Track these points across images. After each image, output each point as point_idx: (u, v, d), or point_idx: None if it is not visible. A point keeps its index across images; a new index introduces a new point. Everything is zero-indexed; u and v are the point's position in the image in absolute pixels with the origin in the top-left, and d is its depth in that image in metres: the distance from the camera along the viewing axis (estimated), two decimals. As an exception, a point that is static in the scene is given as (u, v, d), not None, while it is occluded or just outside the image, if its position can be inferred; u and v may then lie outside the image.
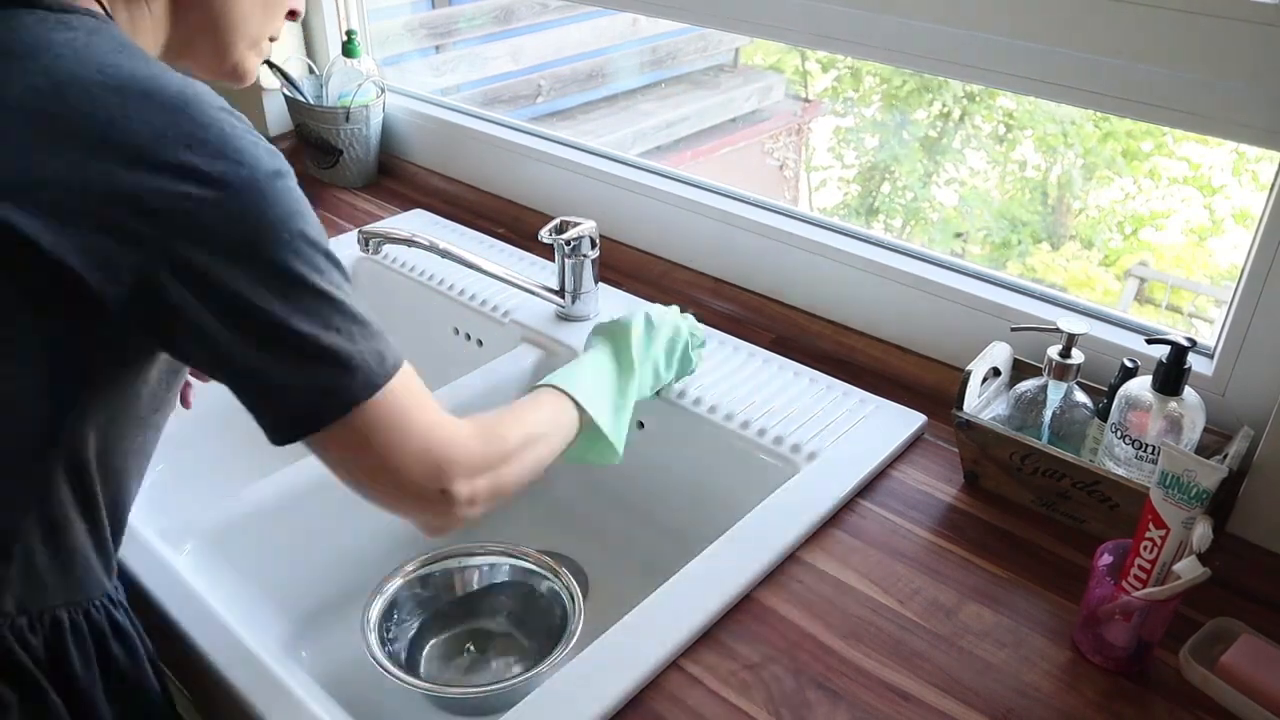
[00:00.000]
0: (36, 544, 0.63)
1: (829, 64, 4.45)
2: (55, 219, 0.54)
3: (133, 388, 0.65)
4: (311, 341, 0.59)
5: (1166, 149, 3.78)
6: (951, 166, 4.25)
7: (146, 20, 0.67)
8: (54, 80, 0.56)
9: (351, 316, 0.61)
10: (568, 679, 0.72)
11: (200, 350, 0.59)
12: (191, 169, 0.56)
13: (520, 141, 1.42)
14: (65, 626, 0.67)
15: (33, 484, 0.62)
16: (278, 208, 0.58)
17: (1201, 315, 3.48)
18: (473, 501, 0.69)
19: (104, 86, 0.56)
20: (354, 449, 0.64)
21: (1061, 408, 0.90)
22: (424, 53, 3.13)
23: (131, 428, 0.68)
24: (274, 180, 0.58)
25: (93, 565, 0.69)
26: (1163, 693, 0.72)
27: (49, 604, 0.66)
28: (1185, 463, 0.68)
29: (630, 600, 0.78)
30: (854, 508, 0.90)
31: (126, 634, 0.71)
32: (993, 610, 0.79)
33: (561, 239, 1.08)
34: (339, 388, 0.61)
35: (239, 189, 0.56)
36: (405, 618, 0.92)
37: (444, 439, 0.67)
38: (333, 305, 0.60)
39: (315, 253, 0.60)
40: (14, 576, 0.63)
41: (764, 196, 1.21)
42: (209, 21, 0.69)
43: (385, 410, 0.63)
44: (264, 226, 0.57)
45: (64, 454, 0.62)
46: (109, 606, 0.70)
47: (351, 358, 0.61)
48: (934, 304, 1.05)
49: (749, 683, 0.73)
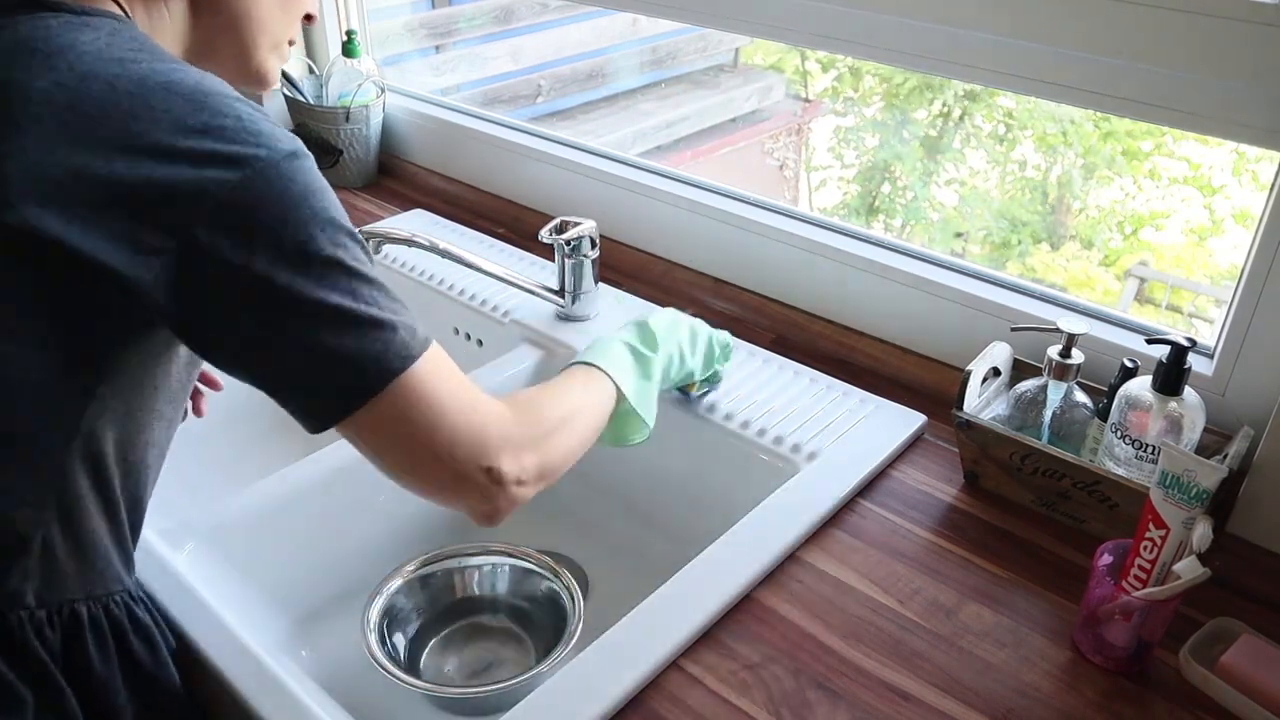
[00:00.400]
0: (56, 536, 0.64)
1: (829, 64, 4.45)
2: (81, 214, 0.55)
3: (151, 381, 0.66)
4: (343, 315, 0.59)
5: (1166, 149, 3.78)
6: (951, 166, 4.25)
7: (165, 23, 0.67)
8: (78, 76, 0.57)
9: (380, 289, 0.62)
10: (568, 679, 0.72)
11: (230, 336, 0.60)
12: (212, 154, 0.57)
13: (520, 141, 1.42)
14: (84, 620, 0.67)
15: (53, 476, 0.62)
16: (298, 186, 0.58)
17: (1201, 315, 3.48)
18: (521, 479, 0.68)
19: (125, 80, 0.57)
20: (393, 429, 0.63)
21: (1061, 408, 0.90)
22: (424, 53, 3.13)
23: (149, 421, 0.68)
24: (292, 160, 0.59)
25: (112, 560, 0.69)
26: (1163, 693, 0.72)
27: (68, 597, 0.66)
28: (1185, 463, 0.68)
29: (630, 600, 0.78)
30: (854, 508, 0.90)
31: (147, 629, 0.72)
32: (993, 610, 0.79)
33: (561, 239, 1.08)
34: (373, 362, 0.60)
35: (259, 170, 0.57)
36: (405, 618, 0.92)
37: (485, 416, 0.66)
38: (360, 279, 0.60)
39: (338, 230, 0.60)
40: (34, 569, 0.63)
41: (764, 196, 1.21)
42: (228, 24, 0.69)
43: (422, 386, 0.62)
44: (286, 205, 0.58)
45: (83, 446, 0.63)
46: (129, 602, 0.71)
47: (384, 329, 0.60)
48: (934, 304, 1.05)
49: (749, 683, 0.73)
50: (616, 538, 1.07)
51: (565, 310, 1.14)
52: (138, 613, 0.71)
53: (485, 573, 0.96)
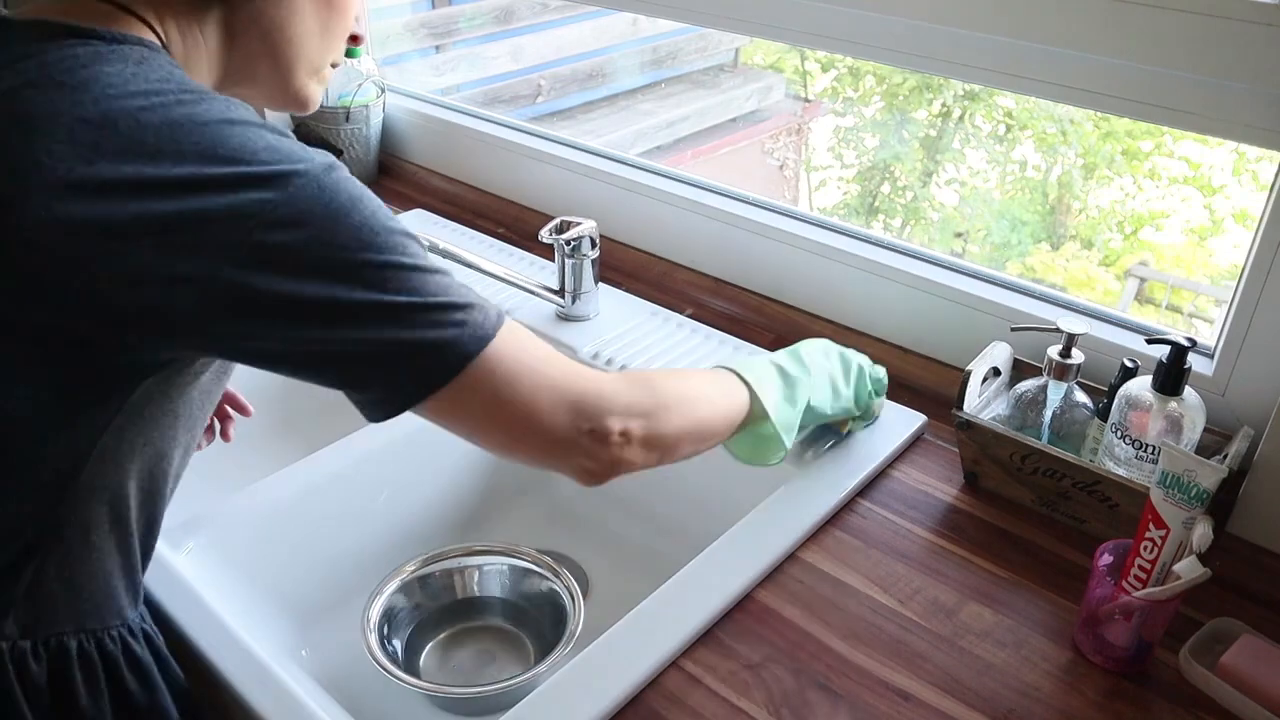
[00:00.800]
0: (51, 567, 0.62)
1: (829, 64, 4.46)
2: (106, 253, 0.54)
3: (172, 410, 0.65)
4: (412, 309, 0.58)
5: (1166, 149, 3.78)
6: (951, 166, 4.25)
7: (201, 49, 0.66)
8: (102, 111, 0.55)
9: (445, 276, 0.61)
10: (568, 679, 0.72)
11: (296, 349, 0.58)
12: (246, 177, 0.55)
13: (520, 141, 1.42)
14: (72, 654, 0.65)
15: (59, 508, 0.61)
16: (343, 196, 0.57)
17: (1201, 315, 3.48)
18: (626, 438, 0.67)
19: (151, 114, 0.56)
20: (482, 402, 0.62)
21: (1061, 408, 0.90)
22: (424, 53, 3.14)
23: (167, 449, 0.67)
24: (330, 173, 0.58)
25: (115, 592, 0.67)
26: (1163, 693, 0.72)
27: (56, 630, 0.64)
28: (1185, 463, 0.68)
29: (630, 600, 0.78)
30: (854, 508, 0.90)
31: (143, 665, 0.70)
32: (993, 610, 0.79)
33: (561, 239, 1.08)
34: (449, 346, 0.59)
35: (300, 186, 0.56)
36: (405, 618, 0.92)
37: (585, 381, 0.65)
38: (423, 272, 0.59)
39: (391, 233, 0.59)
40: (19, 598, 0.62)
41: (764, 196, 1.21)
42: (267, 49, 0.68)
43: (504, 362, 0.61)
44: (335, 218, 0.57)
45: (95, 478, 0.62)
46: (126, 636, 0.69)
47: (455, 311, 0.60)
48: (934, 304, 1.05)
49: (749, 683, 0.73)
50: (616, 538, 1.07)
51: (565, 310, 1.14)
52: (135, 648, 0.69)
53: (485, 573, 0.96)
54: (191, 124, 0.56)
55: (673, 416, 0.71)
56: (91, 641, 0.66)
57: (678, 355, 1.08)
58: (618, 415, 0.66)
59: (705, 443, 0.76)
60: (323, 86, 0.74)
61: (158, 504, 0.69)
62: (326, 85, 0.75)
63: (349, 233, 0.57)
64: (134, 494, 0.65)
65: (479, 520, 1.08)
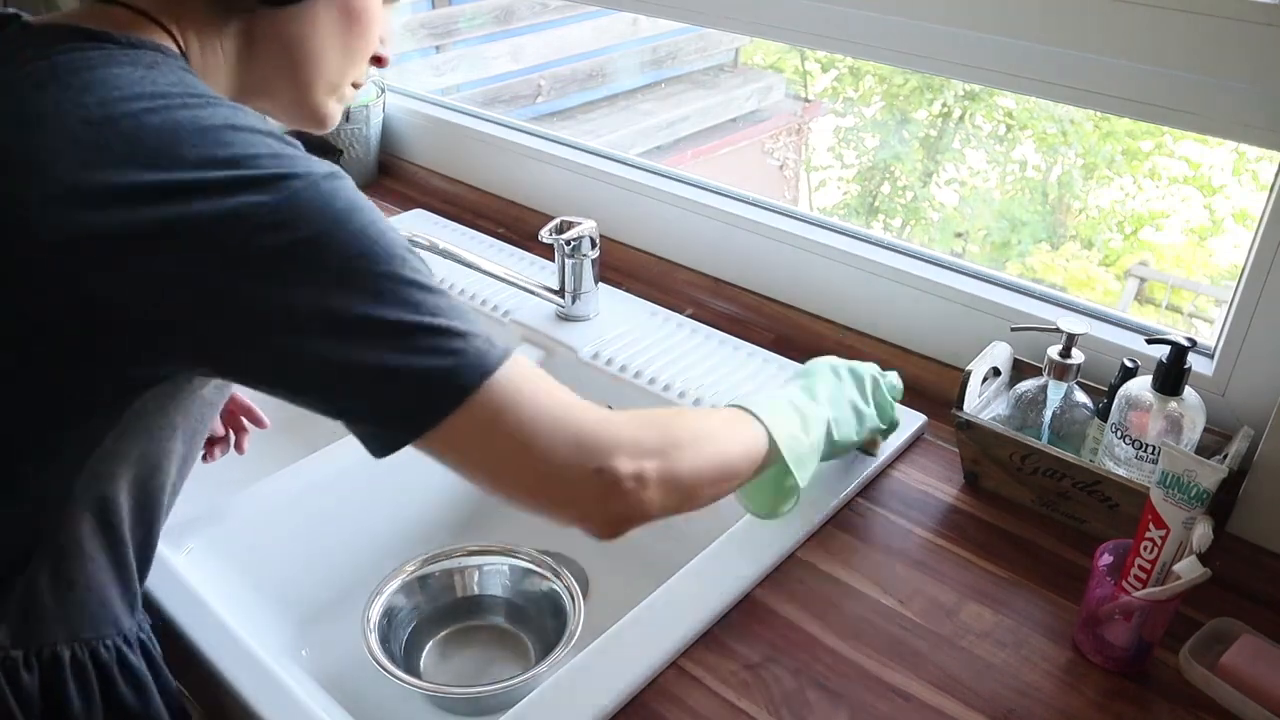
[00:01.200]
0: (43, 577, 0.62)
1: (829, 64, 4.46)
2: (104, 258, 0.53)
3: (170, 423, 0.64)
4: (406, 329, 0.55)
5: (1166, 149, 3.78)
6: (951, 166, 4.26)
7: (219, 58, 0.65)
8: (105, 113, 0.54)
9: (445, 297, 0.58)
10: (568, 679, 0.72)
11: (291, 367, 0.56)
12: (242, 180, 0.54)
13: (520, 141, 1.42)
14: (65, 664, 0.64)
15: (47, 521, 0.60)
16: (340, 203, 0.56)
17: (1201, 315, 3.48)
18: (641, 481, 0.62)
19: (153, 117, 0.55)
20: (481, 437, 0.58)
21: (1061, 408, 0.90)
22: (424, 52, 3.14)
23: (163, 462, 0.66)
24: (330, 180, 0.56)
25: (110, 602, 0.67)
26: (1163, 693, 0.72)
27: (49, 639, 0.64)
28: (1185, 463, 0.68)
29: (630, 600, 0.78)
30: (854, 508, 0.90)
31: (138, 675, 0.69)
32: (993, 610, 0.79)
33: (561, 239, 1.08)
34: (447, 376, 0.56)
35: (297, 190, 0.54)
36: (405, 618, 0.92)
37: (593, 420, 0.61)
38: (420, 289, 0.57)
39: (390, 244, 0.57)
40: (10, 609, 0.61)
41: (764, 196, 1.21)
42: (284, 64, 0.67)
43: (507, 397, 0.58)
44: (331, 224, 0.55)
45: (87, 491, 0.61)
46: (121, 646, 0.68)
47: (453, 338, 0.57)
48: (934, 304, 1.05)
49: (749, 683, 0.73)
50: (616, 538, 1.07)
51: (565, 310, 1.14)
52: (130, 658, 0.68)
53: (485, 573, 0.96)
54: (194, 127, 0.55)
55: (687, 454, 0.66)
56: (85, 651, 0.65)
57: (678, 355, 1.08)
58: (626, 454, 0.62)
59: (727, 483, 0.72)
60: (342, 105, 0.72)
61: (154, 514, 0.68)
62: (348, 104, 0.73)
63: (345, 238, 0.55)
64: (127, 505, 0.64)
65: (479, 520, 1.08)
